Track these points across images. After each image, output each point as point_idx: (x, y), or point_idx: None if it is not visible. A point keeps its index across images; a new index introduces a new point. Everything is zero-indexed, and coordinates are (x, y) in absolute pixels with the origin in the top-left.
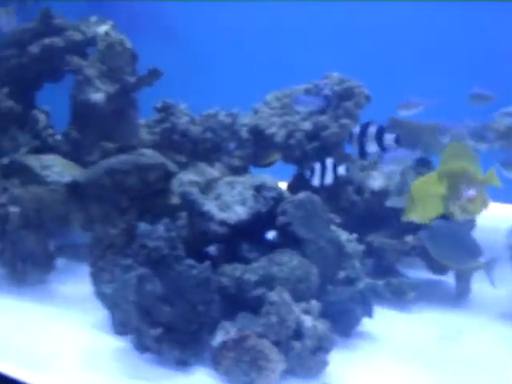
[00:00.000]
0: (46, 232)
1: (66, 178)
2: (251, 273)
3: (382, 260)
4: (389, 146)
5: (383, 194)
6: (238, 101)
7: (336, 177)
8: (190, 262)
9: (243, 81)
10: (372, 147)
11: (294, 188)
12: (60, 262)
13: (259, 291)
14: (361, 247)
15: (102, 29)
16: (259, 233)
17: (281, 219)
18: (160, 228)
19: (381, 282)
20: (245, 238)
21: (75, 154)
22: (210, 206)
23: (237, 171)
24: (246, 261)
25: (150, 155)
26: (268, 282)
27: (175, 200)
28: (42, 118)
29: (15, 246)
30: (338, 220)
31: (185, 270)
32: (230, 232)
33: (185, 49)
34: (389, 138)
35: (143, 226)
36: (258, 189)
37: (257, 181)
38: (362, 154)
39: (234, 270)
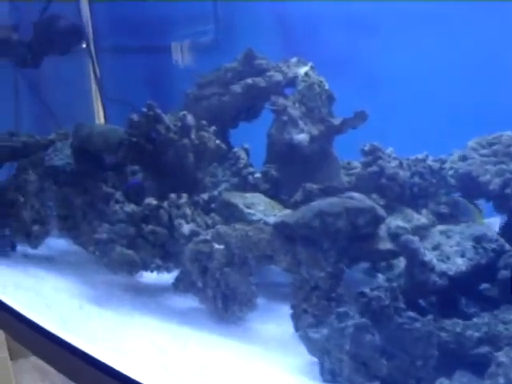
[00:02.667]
0: (249, 270)
1: (272, 217)
2: (474, 329)
3: None
4: None
5: None
6: (431, 146)
7: None
8: (412, 314)
9: (438, 126)
10: None
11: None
12: (259, 300)
13: (482, 350)
14: None
15: (303, 70)
16: (477, 286)
17: (503, 273)
18: (380, 277)
19: None
20: (462, 291)
21: (273, 192)
22: (430, 255)
23: (444, 218)
24: (464, 315)
25: (359, 198)
26: (492, 340)
27: (383, 245)
28: (243, 155)
29: (218, 283)
30: None
31: (406, 322)
32: (449, 284)
33: (379, 92)
34: None
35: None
36: (478, 240)
37: (476, 231)
38: None
39: (455, 325)
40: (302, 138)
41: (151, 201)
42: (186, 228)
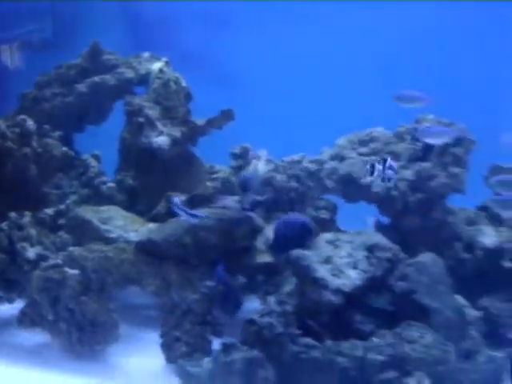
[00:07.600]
0: (109, 296)
1: (132, 233)
2: (376, 352)
3: (500, 328)
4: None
5: (498, 251)
6: (296, 145)
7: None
8: (309, 341)
9: (299, 124)
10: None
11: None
12: (121, 328)
13: (389, 375)
14: (478, 314)
15: (156, 65)
16: (372, 300)
17: (401, 285)
18: (271, 301)
19: (500, 354)
20: (357, 306)
21: (130, 204)
22: (323, 271)
23: (324, 225)
24: (360, 334)
25: (234, 208)
26: (399, 363)
27: (261, 259)
28: (94, 163)
29: (72, 314)
30: None
31: (303, 351)
32: (344, 301)
33: (235, 90)
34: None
35: None
36: (371, 249)
37: (368, 240)
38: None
39: (354, 348)
40: (161, 141)
41: None
42: (31, 252)
